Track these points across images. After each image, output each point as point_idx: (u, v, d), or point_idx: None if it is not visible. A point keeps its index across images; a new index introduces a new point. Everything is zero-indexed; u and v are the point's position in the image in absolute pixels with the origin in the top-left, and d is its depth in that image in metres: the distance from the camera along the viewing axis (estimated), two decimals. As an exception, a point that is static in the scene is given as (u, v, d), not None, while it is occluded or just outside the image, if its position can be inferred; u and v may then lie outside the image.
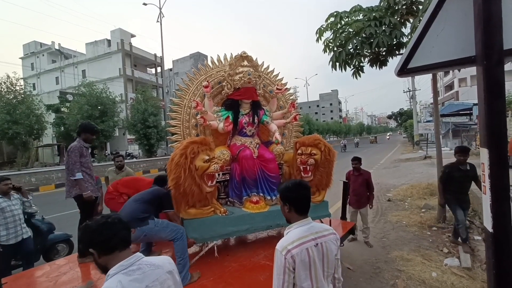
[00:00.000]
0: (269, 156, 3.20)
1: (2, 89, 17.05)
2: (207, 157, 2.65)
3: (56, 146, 25.21)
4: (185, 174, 2.54)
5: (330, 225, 2.31)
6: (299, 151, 3.17)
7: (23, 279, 2.65)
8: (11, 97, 17.28)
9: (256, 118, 3.31)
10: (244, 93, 3.23)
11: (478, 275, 3.23)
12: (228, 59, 3.44)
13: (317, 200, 3.28)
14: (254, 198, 3.10)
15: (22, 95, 17.80)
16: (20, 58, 34.26)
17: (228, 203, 3.14)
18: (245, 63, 3.21)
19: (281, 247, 1.30)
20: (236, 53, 3.34)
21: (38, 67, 32.73)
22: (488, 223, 1.05)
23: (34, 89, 30.48)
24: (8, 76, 17.34)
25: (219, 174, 3.05)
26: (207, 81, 3.19)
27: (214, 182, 2.76)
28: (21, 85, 18.34)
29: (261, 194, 3.14)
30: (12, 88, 17.44)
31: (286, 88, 3.60)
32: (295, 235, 1.33)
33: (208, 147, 2.75)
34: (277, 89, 3.43)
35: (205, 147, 2.70)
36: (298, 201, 1.39)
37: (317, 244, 1.33)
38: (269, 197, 3.15)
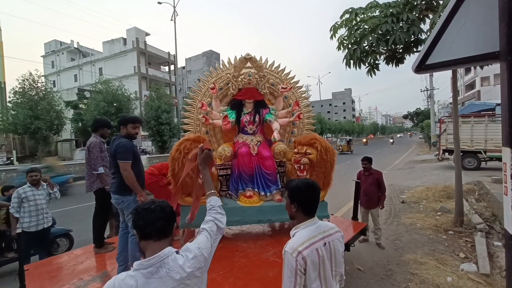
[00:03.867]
0: (267, 154, 3.31)
1: (25, 86, 17.89)
2: None
3: (74, 141, 26.23)
4: (179, 167, 2.85)
5: None
6: (295, 150, 3.21)
7: (44, 267, 2.79)
8: (33, 93, 18.10)
9: (257, 117, 3.45)
10: (245, 94, 3.45)
11: (497, 282, 3.10)
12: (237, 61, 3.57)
13: None
14: (248, 192, 3.24)
15: (43, 92, 18.62)
16: (41, 56, 35.81)
17: (227, 195, 3.32)
18: (248, 64, 3.38)
19: (291, 249, 1.26)
20: (248, 51, 3.45)
21: (58, 65, 34.09)
22: (509, 226, 1.00)
23: (54, 86, 31.80)
24: (31, 74, 18.16)
25: (221, 169, 3.27)
26: (214, 84, 3.44)
27: None
28: (42, 82, 19.16)
29: (256, 190, 3.27)
30: (34, 85, 18.26)
31: (291, 87, 3.59)
32: (304, 235, 1.30)
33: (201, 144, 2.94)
34: (282, 88, 3.44)
35: (198, 144, 2.94)
36: (307, 202, 1.37)
37: (325, 243, 1.31)
38: (263, 193, 3.26)
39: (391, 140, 42.38)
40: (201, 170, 1.50)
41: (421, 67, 1.23)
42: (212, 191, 1.44)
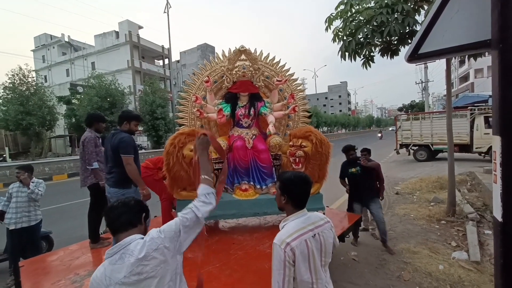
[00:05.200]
0: (262, 147, 3.31)
1: (15, 81, 17.44)
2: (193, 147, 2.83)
3: (68, 137, 25.86)
4: (173, 161, 2.86)
5: None
6: (291, 143, 3.21)
7: (39, 263, 2.77)
8: (23, 88, 17.67)
9: (252, 110, 3.42)
10: (240, 86, 3.41)
11: (487, 269, 3.19)
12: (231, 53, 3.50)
13: (310, 192, 3.30)
14: (243, 186, 3.26)
15: (34, 87, 18.18)
16: (31, 50, 34.90)
17: (223, 189, 3.29)
18: (243, 57, 3.33)
19: (279, 241, 1.26)
20: (244, 44, 3.39)
21: (49, 59, 33.30)
22: (497, 213, 1.02)
23: (46, 81, 31.20)
24: (21, 68, 17.70)
25: (216, 162, 3.24)
26: (208, 77, 3.39)
27: None
28: (33, 77, 18.69)
29: (251, 183, 3.28)
30: (25, 80, 17.81)
31: (287, 79, 3.57)
32: (292, 227, 1.31)
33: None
34: (277, 80, 3.42)
35: (192, 138, 2.92)
36: (297, 195, 1.37)
37: (314, 235, 1.31)
38: (258, 186, 3.27)
39: (379, 135, 32.68)
40: (198, 155, 1.49)
41: (414, 56, 1.22)
42: (205, 176, 1.34)
